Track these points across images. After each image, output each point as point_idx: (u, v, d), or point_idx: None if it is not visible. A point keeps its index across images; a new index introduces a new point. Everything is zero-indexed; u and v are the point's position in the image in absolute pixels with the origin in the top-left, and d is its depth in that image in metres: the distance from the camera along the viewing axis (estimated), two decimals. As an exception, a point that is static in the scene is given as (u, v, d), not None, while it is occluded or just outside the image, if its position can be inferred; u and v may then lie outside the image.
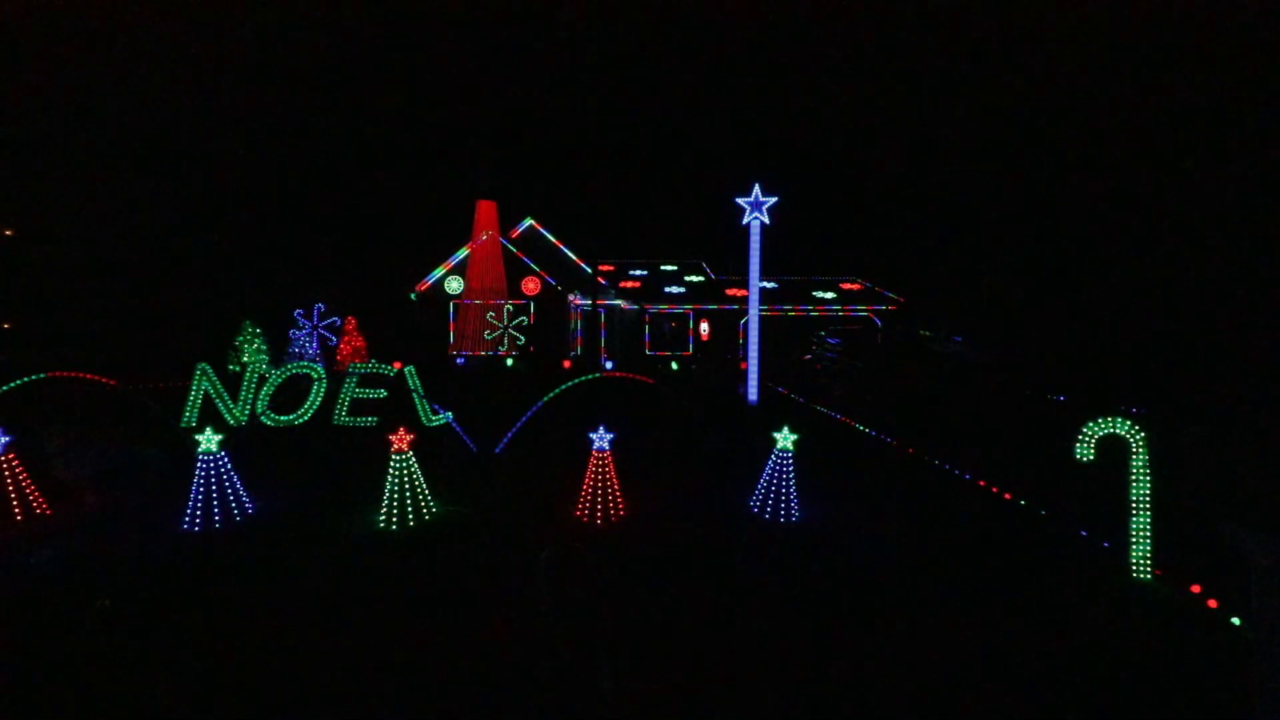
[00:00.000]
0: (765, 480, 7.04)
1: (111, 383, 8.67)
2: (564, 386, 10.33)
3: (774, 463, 6.98)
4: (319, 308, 23.17)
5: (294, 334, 22.72)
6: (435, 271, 28.02)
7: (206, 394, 11.90)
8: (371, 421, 12.00)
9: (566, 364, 26.08)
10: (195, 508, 6.57)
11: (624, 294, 30.72)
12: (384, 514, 6.61)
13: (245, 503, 6.98)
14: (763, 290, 21.78)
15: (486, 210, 26.08)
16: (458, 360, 25.60)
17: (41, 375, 8.53)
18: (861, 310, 30.31)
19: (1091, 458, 5.44)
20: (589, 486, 6.89)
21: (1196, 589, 5.01)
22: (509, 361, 25.39)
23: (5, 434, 6.74)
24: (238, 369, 19.22)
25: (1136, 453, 5.35)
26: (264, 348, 22.41)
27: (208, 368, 12.06)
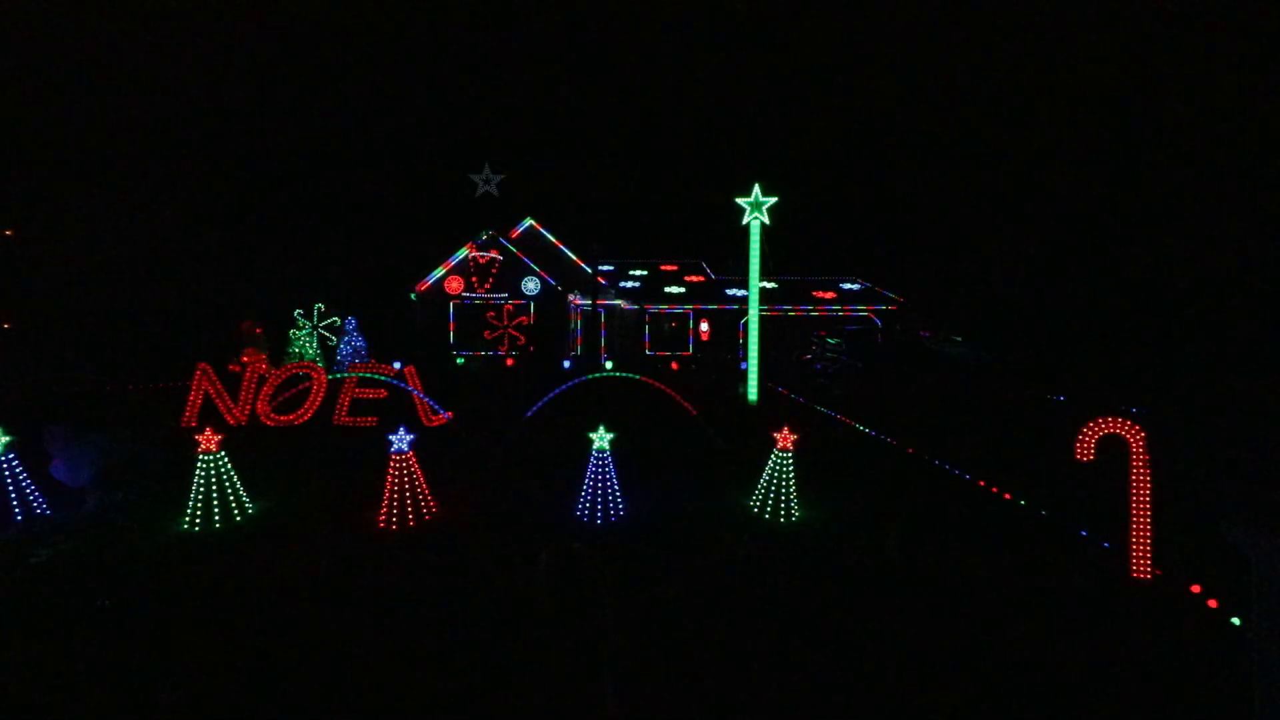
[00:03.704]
0: (765, 480, 7.05)
1: (109, 385, 8.69)
2: (564, 386, 10.34)
3: (772, 463, 6.98)
4: (319, 308, 23.19)
5: (294, 334, 22.73)
6: (436, 271, 28.01)
7: (206, 394, 11.91)
8: (371, 422, 12.02)
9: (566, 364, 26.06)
10: (195, 508, 6.58)
11: (624, 294, 30.71)
12: (382, 514, 6.61)
13: (245, 503, 6.98)
14: (763, 290, 21.76)
15: None
16: (457, 360, 25.61)
17: (41, 375, 8.54)
18: (861, 310, 30.30)
19: (1091, 458, 5.44)
20: (589, 486, 6.89)
21: (1196, 589, 5.01)
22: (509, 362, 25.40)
23: (5, 434, 6.75)
24: (238, 369, 19.21)
25: (1136, 453, 5.34)
26: (264, 348, 22.40)
27: (208, 367, 12.07)
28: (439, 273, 27.96)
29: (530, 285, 27.37)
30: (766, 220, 16.77)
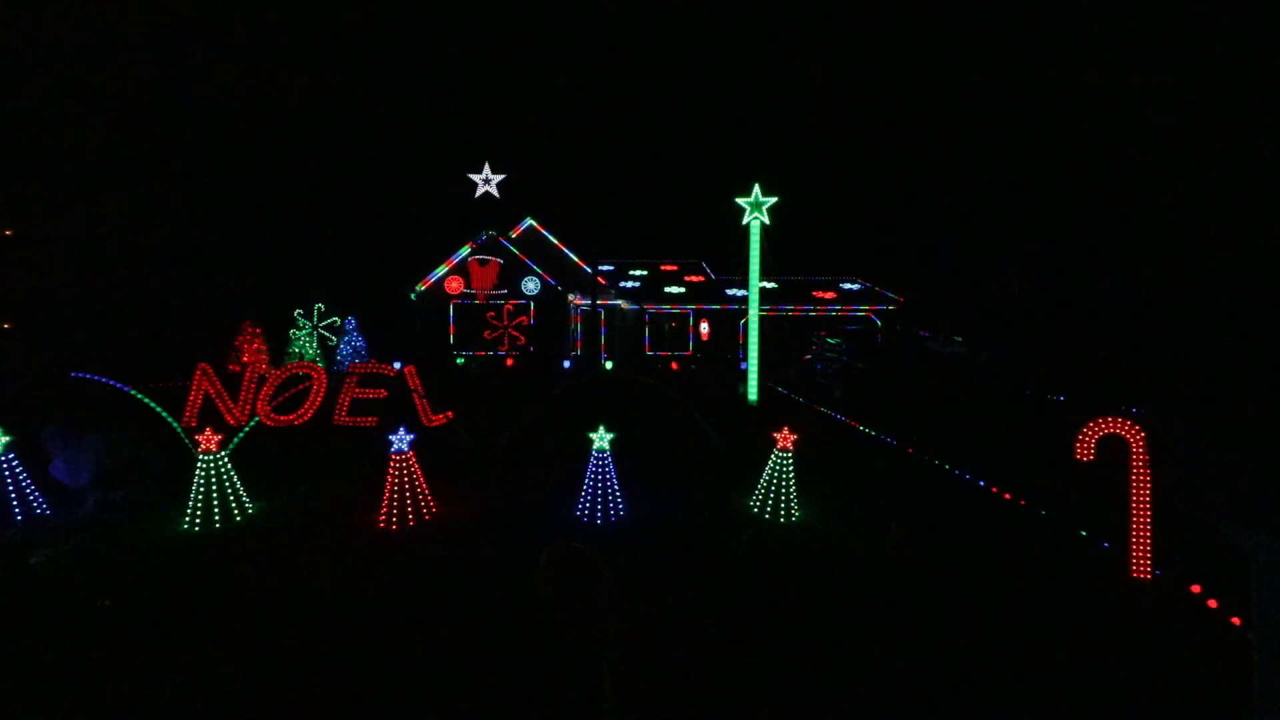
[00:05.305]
0: (765, 480, 7.04)
1: (111, 386, 8.67)
2: (564, 387, 10.32)
3: (772, 463, 6.98)
4: (319, 308, 23.20)
5: (294, 334, 22.73)
6: (436, 271, 28.00)
7: (206, 394, 11.90)
8: (371, 422, 12.00)
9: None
10: (195, 508, 6.57)
11: (624, 294, 30.70)
12: (383, 514, 6.61)
13: (245, 503, 6.98)
14: (763, 290, 21.72)
15: None
16: (457, 360, 25.61)
17: (41, 375, 8.53)
18: (861, 310, 30.28)
19: (1091, 458, 5.44)
20: (589, 486, 6.89)
21: (1196, 589, 5.01)
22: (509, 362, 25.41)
23: (5, 434, 6.74)
24: (238, 369, 19.21)
25: (1136, 453, 5.34)
26: (264, 348, 22.40)
27: (208, 367, 12.06)
28: (439, 273, 27.92)
29: (530, 285, 27.36)
30: (766, 220, 16.76)
